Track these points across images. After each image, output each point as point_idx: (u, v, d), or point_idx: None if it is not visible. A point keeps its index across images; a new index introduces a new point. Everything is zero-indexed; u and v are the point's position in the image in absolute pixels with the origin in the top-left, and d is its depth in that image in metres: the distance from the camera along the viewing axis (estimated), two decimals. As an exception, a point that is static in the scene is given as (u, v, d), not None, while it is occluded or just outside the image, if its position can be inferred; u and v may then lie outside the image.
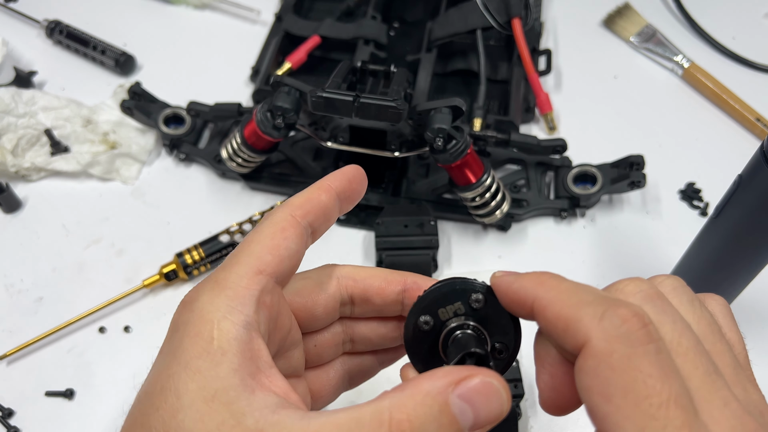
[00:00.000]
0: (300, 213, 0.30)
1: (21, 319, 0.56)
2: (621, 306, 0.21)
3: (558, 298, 0.23)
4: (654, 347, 0.20)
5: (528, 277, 0.25)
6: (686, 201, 0.63)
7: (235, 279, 0.27)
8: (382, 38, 0.70)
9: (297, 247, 0.29)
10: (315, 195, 0.30)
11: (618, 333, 0.21)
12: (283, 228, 0.29)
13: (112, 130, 0.66)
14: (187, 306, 0.27)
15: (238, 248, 0.29)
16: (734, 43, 0.74)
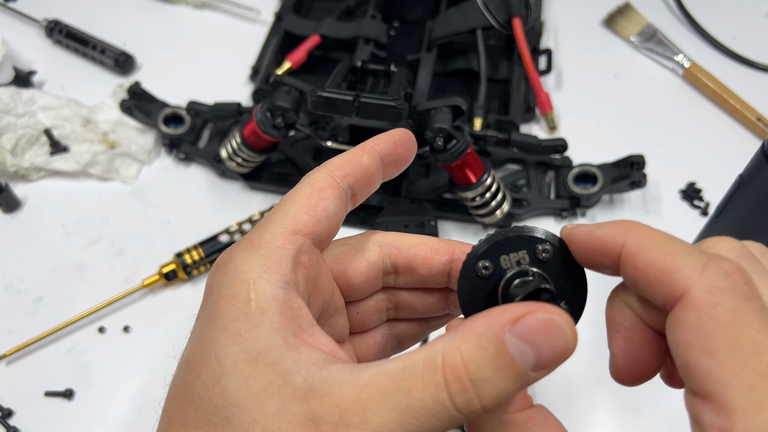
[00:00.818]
0: (340, 174, 0.28)
1: (20, 319, 0.56)
2: (723, 259, 0.20)
3: (652, 246, 0.21)
4: (759, 303, 0.19)
5: (613, 225, 0.23)
6: (687, 201, 0.63)
7: (269, 238, 0.26)
8: (382, 38, 0.70)
9: (335, 209, 0.28)
10: (357, 157, 0.29)
11: (723, 285, 0.19)
12: (322, 188, 0.27)
13: (112, 129, 0.66)
14: (221, 268, 0.25)
15: (273, 209, 0.28)
16: (735, 43, 0.74)
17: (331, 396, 0.21)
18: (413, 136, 0.31)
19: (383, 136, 0.30)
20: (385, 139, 0.30)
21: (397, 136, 0.30)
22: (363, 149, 0.29)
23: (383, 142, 0.30)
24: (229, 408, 0.22)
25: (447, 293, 0.31)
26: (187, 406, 0.23)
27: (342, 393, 0.21)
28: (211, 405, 0.22)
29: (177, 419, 0.23)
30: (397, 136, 0.30)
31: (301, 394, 0.22)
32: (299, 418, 0.21)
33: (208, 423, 0.22)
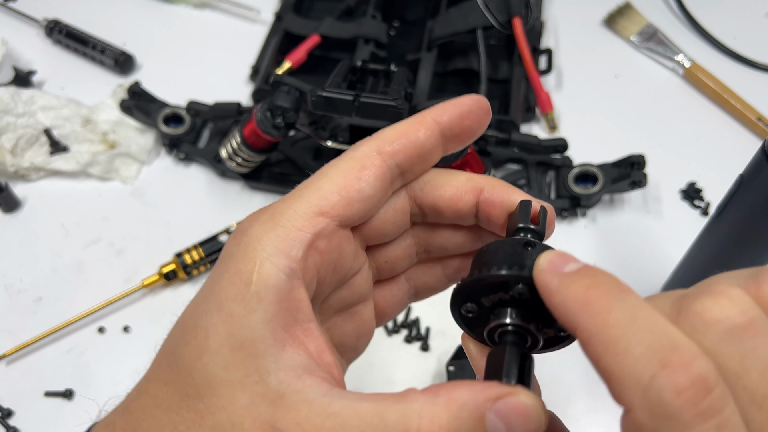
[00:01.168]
0: (389, 150, 0.26)
1: (20, 319, 0.56)
2: (678, 369, 0.17)
3: (602, 337, 0.19)
4: (714, 425, 0.17)
5: (574, 288, 0.20)
6: (687, 201, 0.63)
7: (291, 216, 0.24)
8: (382, 37, 0.70)
9: (374, 192, 0.26)
10: (412, 130, 0.26)
11: (667, 411, 0.17)
12: (362, 166, 0.26)
13: (112, 129, 0.66)
14: (237, 235, 0.25)
15: (308, 179, 0.26)
16: (735, 43, 0.74)
17: (297, 412, 0.21)
18: (487, 105, 0.27)
19: (448, 105, 0.27)
20: (450, 110, 0.27)
21: (466, 106, 0.27)
22: (422, 121, 0.27)
23: (447, 112, 0.27)
24: (204, 386, 0.22)
25: (477, 230, 0.29)
26: (173, 366, 0.23)
27: (308, 414, 0.21)
28: (190, 376, 0.23)
29: (162, 374, 0.24)
30: (466, 105, 0.27)
31: (272, 397, 0.22)
32: (262, 422, 0.21)
33: (183, 392, 0.23)
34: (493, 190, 0.27)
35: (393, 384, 0.51)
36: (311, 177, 0.26)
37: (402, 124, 0.27)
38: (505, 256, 0.24)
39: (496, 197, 0.27)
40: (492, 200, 0.27)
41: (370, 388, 0.51)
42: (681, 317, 0.19)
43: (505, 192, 0.27)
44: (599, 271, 0.20)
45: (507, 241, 0.25)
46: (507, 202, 0.27)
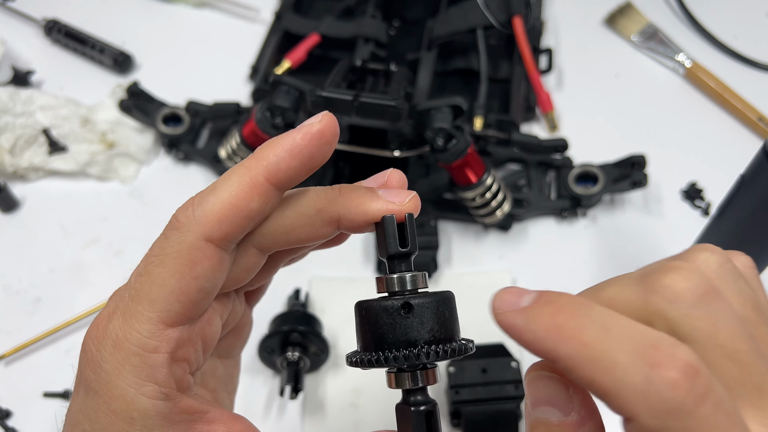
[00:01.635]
0: (219, 235, 0.23)
1: (19, 320, 0.55)
2: (667, 365, 0.18)
3: (586, 359, 0.19)
4: (711, 404, 0.18)
5: (541, 319, 0.20)
6: (688, 201, 0.62)
7: (137, 340, 0.23)
8: (382, 37, 0.69)
9: (215, 282, 0.24)
10: (243, 202, 0.23)
11: (669, 407, 0.18)
12: (194, 262, 0.23)
13: (111, 129, 0.65)
14: (92, 366, 0.24)
15: (137, 281, 0.24)
16: (736, 42, 0.74)
17: None
18: (326, 124, 0.24)
19: (279, 149, 0.24)
20: (283, 156, 0.24)
21: (297, 144, 0.24)
22: (253, 186, 0.23)
23: (282, 161, 0.24)
24: None
25: None
26: None
27: None
28: None
29: None
30: (297, 144, 0.24)
31: None
32: None
33: None
34: (349, 212, 0.25)
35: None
36: (136, 279, 0.24)
37: (229, 190, 0.23)
38: (388, 335, 0.24)
39: (355, 218, 0.25)
40: (351, 222, 0.25)
41: (371, 388, 0.51)
42: (653, 294, 0.20)
43: (361, 209, 0.25)
44: (555, 294, 0.21)
45: (385, 308, 0.24)
46: (366, 219, 0.26)
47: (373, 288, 0.27)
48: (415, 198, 0.26)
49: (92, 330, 0.24)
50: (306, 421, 0.50)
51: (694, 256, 0.22)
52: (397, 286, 0.25)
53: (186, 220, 0.23)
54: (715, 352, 0.19)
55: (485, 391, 0.47)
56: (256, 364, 0.51)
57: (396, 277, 0.25)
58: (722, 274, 0.22)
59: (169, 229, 0.24)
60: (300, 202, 0.25)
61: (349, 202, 0.25)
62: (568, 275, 0.58)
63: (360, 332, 0.26)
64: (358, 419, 0.50)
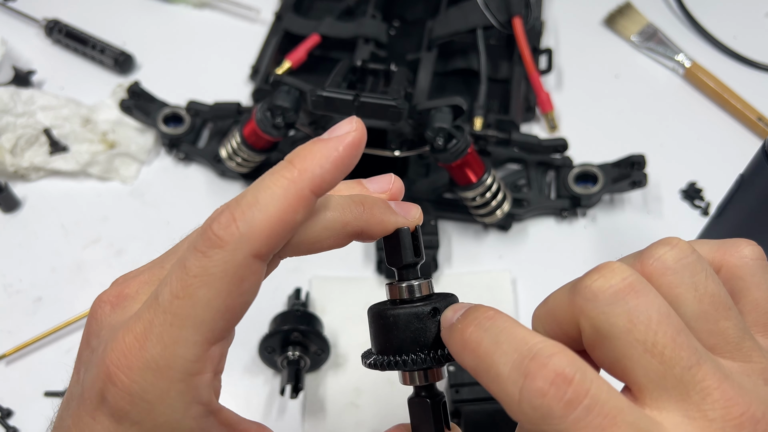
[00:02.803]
0: (266, 250, 0.23)
1: (20, 320, 0.56)
2: (536, 375, 0.19)
3: (479, 370, 0.21)
4: (583, 408, 0.19)
5: (455, 335, 0.23)
6: (688, 201, 0.63)
7: (183, 366, 0.22)
8: (382, 37, 0.70)
9: (257, 291, 0.24)
10: (289, 216, 0.23)
11: (540, 415, 0.19)
12: (242, 278, 0.22)
13: (111, 129, 0.65)
14: (126, 398, 0.22)
15: (175, 304, 0.22)
16: (735, 42, 0.74)
17: None
18: (359, 133, 0.24)
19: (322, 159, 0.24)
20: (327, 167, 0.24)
21: (332, 156, 0.24)
22: (300, 199, 0.23)
23: (326, 171, 0.23)
24: None
25: None
26: None
27: None
28: None
29: None
30: (337, 151, 0.24)
31: None
32: None
33: None
34: (372, 227, 0.26)
35: (393, 384, 0.51)
36: (173, 301, 0.22)
37: (276, 204, 0.22)
38: (420, 337, 0.26)
39: (376, 233, 0.26)
40: (371, 236, 0.26)
41: (372, 388, 0.51)
42: (576, 295, 0.21)
43: (383, 224, 0.26)
44: (475, 308, 0.23)
45: (417, 314, 0.26)
46: (384, 233, 0.27)
47: (373, 288, 0.28)
48: (420, 211, 0.28)
49: (118, 358, 0.22)
50: (306, 421, 0.51)
51: (652, 251, 0.23)
52: (419, 292, 0.27)
53: (231, 238, 0.22)
54: (634, 347, 0.20)
55: (485, 390, 0.47)
56: (256, 364, 0.52)
57: (417, 284, 0.28)
58: (677, 269, 0.22)
59: (209, 248, 0.22)
60: (328, 216, 0.25)
61: (372, 217, 0.26)
62: (567, 275, 0.57)
63: (380, 336, 0.27)
64: (358, 419, 0.50)
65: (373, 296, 0.55)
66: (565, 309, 0.22)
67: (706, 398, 0.20)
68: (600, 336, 0.21)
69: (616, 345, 0.20)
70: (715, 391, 0.20)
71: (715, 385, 0.20)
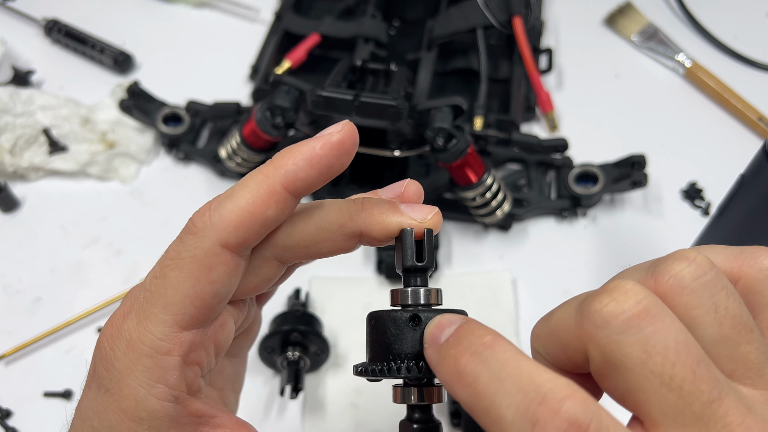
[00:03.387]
0: (235, 241, 0.23)
1: (19, 320, 0.55)
2: (547, 424, 0.18)
3: (476, 408, 0.19)
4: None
5: (446, 362, 0.21)
6: (688, 200, 0.62)
7: (151, 342, 0.23)
8: (382, 37, 0.70)
9: (229, 287, 0.24)
10: (260, 210, 0.23)
11: None
12: (210, 267, 0.23)
13: (111, 129, 0.65)
14: (104, 364, 0.24)
15: (152, 283, 0.24)
16: (736, 42, 0.74)
17: None
18: (346, 135, 0.24)
19: (298, 157, 0.24)
20: (303, 166, 0.24)
21: (316, 153, 0.24)
22: (271, 194, 0.23)
23: (301, 170, 0.24)
24: None
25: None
26: None
27: None
28: None
29: None
30: (316, 153, 0.24)
31: None
32: None
33: None
34: (371, 227, 0.25)
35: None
36: (151, 281, 0.24)
37: (246, 197, 0.23)
38: (394, 345, 0.24)
39: (377, 234, 0.25)
40: (372, 238, 0.25)
41: (371, 388, 0.51)
42: (584, 319, 0.19)
43: (383, 224, 0.25)
44: (468, 330, 0.21)
45: (394, 319, 0.24)
46: (388, 234, 0.25)
47: (373, 288, 0.28)
48: (437, 215, 0.26)
49: (107, 328, 0.25)
50: (306, 421, 0.51)
51: (668, 267, 0.20)
52: (411, 299, 0.25)
53: (203, 225, 0.23)
54: (649, 380, 0.18)
55: None
56: (256, 364, 0.52)
57: (410, 290, 0.25)
58: (695, 288, 0.20)
59: (185, 233, 0.24)
60: (322, 216, 0.25)
61: (370, 217, 0.25)
62: (567, 275, 0.58)
63: (368, 342, 0.25)
64: (358, 419, 0.50)
65: (373, 297, 0.55)
66: (571, 333, 0.20)
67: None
68: (611, 366, 0.19)
69: (628, 377, 0.19)
70: (738, 427, 0.18)
71: (738, 421, 0.18)
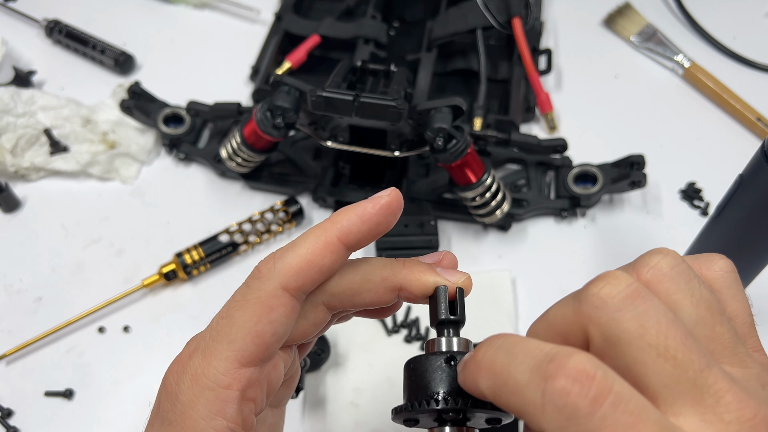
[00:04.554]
0: (294, 286, 0.27)
1: (20, 319, 0.56)
2: (557, 375, 0.19)
3: (496, 386, 0.21)
4: (609, 404, 0.18)
5: (469, 363, 0.23)
6: (687, 201, 0.63)
7: (214, 377, 0.26)
8: (382, 37, 0.70)
9: (287, 329, 0.27)
10: (318, 258, 0.27)
11: (565, 416, 0.19)
12: (271, 308, 0.26)
13: (112, 129, 0.66)
14: (170, 398, 0.26)
15: (218, 323, 0.27)
16: (735, 43, 0.74)
17: None
18: (399, 197, 0.28)
19: (353, 217, 0.27)
20: (356, 223, 0.27)
21: (373, 215, 0.27)
22: (328, 245, 0.27)
23: (354, 227, 0.27)
24: None
25: None
26: None
27: None
28: None
29: None
30: (373, 215, 0.27)
31: None
32: None
33: None
34: (410, 283, 0.28)
35: (393, 383, 0.51)
36: (218, 321, 0.27)
37: (306, 247, 0.27)
38: (431, 384, 0.25)
39: (414, 290, 0.28)
40: (410, 292, 0.28)
41: (372, 387, 0.51)
42: (582, 304, 0.21)
43: (421, 281, 0.28)
44: (489, 338, 0.23)
45: (431, 361, 0.26)
46: (424, 291, 0.28)
47: None
48: (468, 279, 0.29)
49: (174, 366, 0.27)
50: (306, 420, 0.51)
51: (646, 260, 0.23)
52: (445, 347, 0.27)
53: (267, 271, 0.27)
54: (647, 351, 0.20)
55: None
56: (256, 363, 0.52)
57: (444, 339, 0.27)
58: (673, 276, 0.22)
59: (251, 279, 0.27)
60: (368, 269, 0.29)
61: (411, 274, 0.28)
62: (567, 275, 0.58)
63: (406, 386, 0.27)
64: (358, 418, 0.51)
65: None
66: (570, 320, 0.22)
67: (720, 401, 0.20)
68: (610, 344, 0.20)
69: (628, 351, 0.20)
70: (728, 393, 0.20)
71: (726, 388, 0.20)
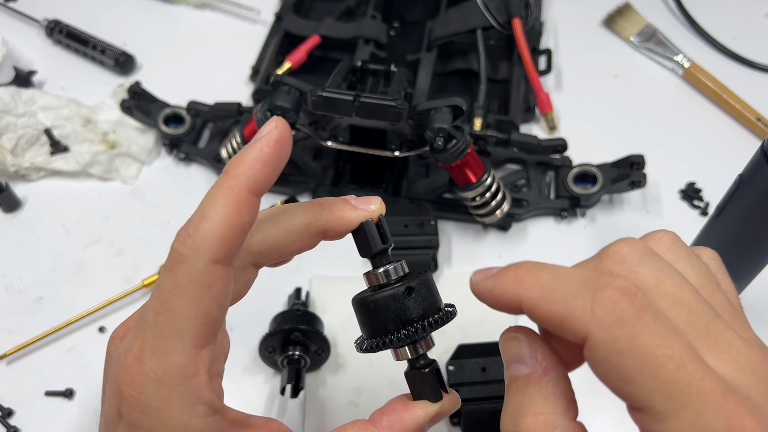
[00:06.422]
0: (223, 254, 0.25)
1: (21, 319, 0.56)
2: (606, 287, 0.22)
3: (542, 296, 0.23)
4: (650, 316, 0.21)
5: (507, 277, 0.24)
6: (687, 201, 0.63)
7: (178, 371, 0.25)
8: (382, 38, 0.70)
9: (229, 294, 0.26)
10: (236, 217, 0.25)
11: (613, 318, 0.21)
12: (209, 284, 0.25)
13: (112, 129, 0.66)
14: (138, 407, 0.25)
15: (157, 319, 0.25)
16: (734, 43, 0.74)
17: None
18: (282, 128, 0.26)
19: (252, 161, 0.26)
20: (257, 167, 0.26)
21: (258, 155, 0.26)
22: (240, 201, 0.25)
23: (258, 171, 0.26)
24: None
25: None
26: None
27: None
28: None
29: None
30: (257, 155, 0.26)
31: None
32: None
33: None
34: (334, 223, 0.29)
35: (393, 383, 0.51)
36: (155, 317, 0.25)
37: (220, 211, 0.25)
38: (401, 316, 0.29)
39: (339, 229, 0.29)
40: (335, 232, 0.29)
41: (372, 387, 0.51)
42: (604, 260, 0.24)
43: (344, 220, 0.29)
44: (520, 261, 0.25)
45: (393, 296, 0.29)
46: (349, 229, 0.29)
47: None
48: (381, 202, 0.30)
49: (125, 376, 0.25)
50: (306, 420, 0.51)
51: (650, 235, 0.27)
52: (393, 275, 0.30)
53: (188, 251, 0.25)
54: (663, 299, 0.23)
55: (485, 390, 0.48)
56: (257, 363, 0.52)
57: (391, 268, 0.30)
58: (676, 248, 0.26)
59: (174, 264, 0.25)
60: (289, 220, 0.29)
61: (333, 215, 0.29)
62: (567, 275, 0.58)
63: (367, 322, 0.30)
64: (358, 418, 0.51)
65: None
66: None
67: (732, 345, 0.22)
68: None
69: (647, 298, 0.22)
70: (737, 340, 0.22)
71: (735, 336, 0.22)
